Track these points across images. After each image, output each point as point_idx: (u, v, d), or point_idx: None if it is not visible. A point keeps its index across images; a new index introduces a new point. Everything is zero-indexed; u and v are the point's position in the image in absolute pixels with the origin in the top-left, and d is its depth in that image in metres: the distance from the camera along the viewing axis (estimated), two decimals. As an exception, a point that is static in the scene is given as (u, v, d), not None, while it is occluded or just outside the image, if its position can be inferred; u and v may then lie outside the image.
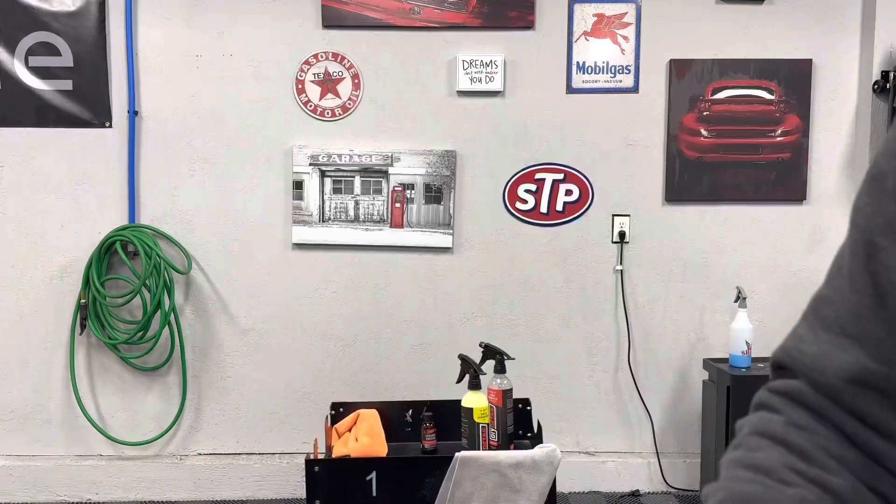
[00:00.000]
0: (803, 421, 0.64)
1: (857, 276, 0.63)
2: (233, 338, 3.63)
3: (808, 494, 0.60)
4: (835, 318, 0.64)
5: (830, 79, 3.56)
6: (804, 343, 0.66)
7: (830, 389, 0.62)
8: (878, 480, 0.61)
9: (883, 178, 0.62)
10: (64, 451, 3.65)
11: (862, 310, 0.62)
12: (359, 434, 2.73)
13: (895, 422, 0.61)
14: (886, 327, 0.60)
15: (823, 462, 0.62)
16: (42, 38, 3.46)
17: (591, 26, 3.51)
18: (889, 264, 0.60)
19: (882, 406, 0.61)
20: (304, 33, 3.50)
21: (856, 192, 0.66)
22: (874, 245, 0.61)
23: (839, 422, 0.62)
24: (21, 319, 3.59)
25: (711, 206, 3.59)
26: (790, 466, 0.62)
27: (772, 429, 0.65)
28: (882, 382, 0.60)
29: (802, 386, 0.65)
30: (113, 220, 3.54)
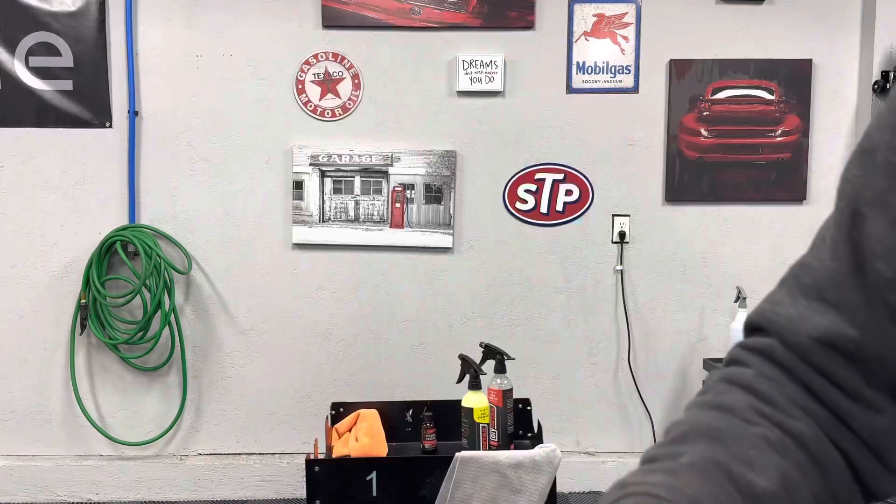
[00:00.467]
0: (772, 374, 0.65)
1: (839, 244, 0.64)
2: (233, 338, 3.63)
3: (770, 434, 0.61)
4: (813, 285, 0.64)
5: (830, 79, 3.56)
6: (780, 306, 0.66)
7: (802, 348, 0.63)
8: (840, 437, 0.62)
9: (874, 151, 0.62)
10: (64, 451, 3.65)
11: (841, 276, 0.62)
12: (359, 434, 2.73)
13: (862, 385, 0.61)
14: (864, 295, 0.61)
15: (789, 409, 0.63)
16: (42, 39, 3.46)
17: (591, 26, 3.50)
18: (872, 234, 0.61)
19: (851, 370, 0.62)
20: (304, 33, 3.50)
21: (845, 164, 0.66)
22: (860, 214, 0.62)
23: (807, 379, 0.63)
24: (21, 319, 3.59)
25: (711, 206, 3.59)
26: (755, 409, 0.63)
27: (740, 378, 0.66)
28: (852, 347, 0.61)
29: (775, 343, 0.66)
30: (113, 220, 3.54)
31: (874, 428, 0.62)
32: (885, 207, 0.60)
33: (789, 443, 0.61)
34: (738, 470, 0.59)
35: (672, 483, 0.57)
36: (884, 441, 0.62)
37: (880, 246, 0.60)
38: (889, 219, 0.60)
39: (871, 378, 0.61)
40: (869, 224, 0.61)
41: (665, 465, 0.59)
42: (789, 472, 0.60)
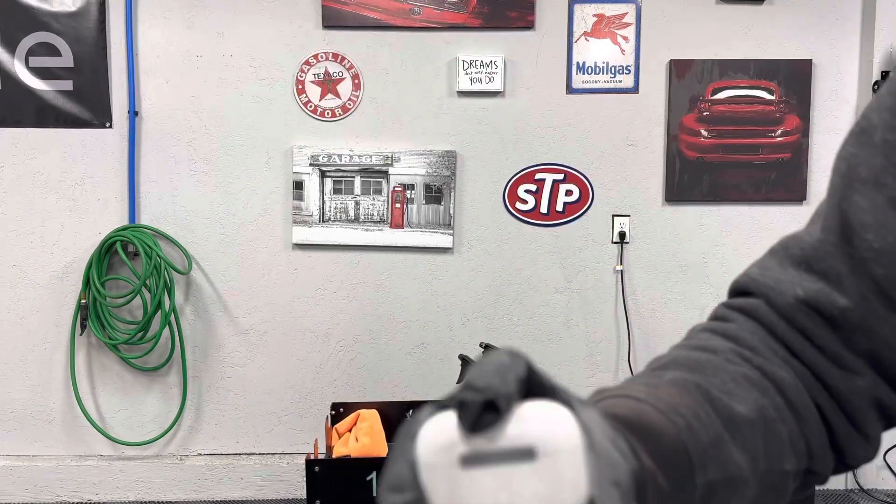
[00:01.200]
0: (755, 330, 0.66)
1: (829, 215, 0.65)
2: (233, 338, 3.62)
3: (751, 374, 0.62)
4: (801, 255, 0.66)
5: (831, 79, 3.56)
6: (769, 270, 0.68)
7: (786, 308, 0.64)
8: (817, 394, 0.63)
9: (872, 131, 0.63)
10: (64, 451, 3.65)
11: (828, 247, 0.64)
12: (359, 434, 2.72)
13: (841, 349, 0.63)
14: (850, 265, 0.62)
15: (770, 358, 0.64)
16: (42, 39, 3.46)
17: (591, 26, 3.50)
18: (865, 206, 0.62)
19: (832, 335, 0.63)
20: (304, 33, 3.50)
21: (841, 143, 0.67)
22: (852, 188, 0.63)
23: (788, 338, 0.64)
24: (21, 319, 3.59)
25: (711, 206, 3.59)
26: (737, 353, 0.64)
27: (723, 329, 0.67)
28: (836, 313, 0.62)
29: (759, 303, 0.67)
30: (113, 220, 3.54)
31: (850, 390, 0.63)
32: (880, 186, 0.61)
33: (769, 385, 0.62)
34: (717, 395, 0.59)
35: (652, 391, 0.57)
36: (859, 404, 0.63)
37: (872, 218, 0.61)
38: (885, 196, 0.61)
39: (852, 343, 0.63)
40: (861, 198, 0.62)
41: (645, 379, 0.60)
42: (767, 408, 0.61)
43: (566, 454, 0.43)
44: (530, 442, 0.43)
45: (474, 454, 0.43)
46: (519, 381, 0.44)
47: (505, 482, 0.42)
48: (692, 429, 0.56)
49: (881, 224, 0.61)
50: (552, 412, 0.44)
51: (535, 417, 0.44)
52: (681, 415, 0.56)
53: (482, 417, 0.42)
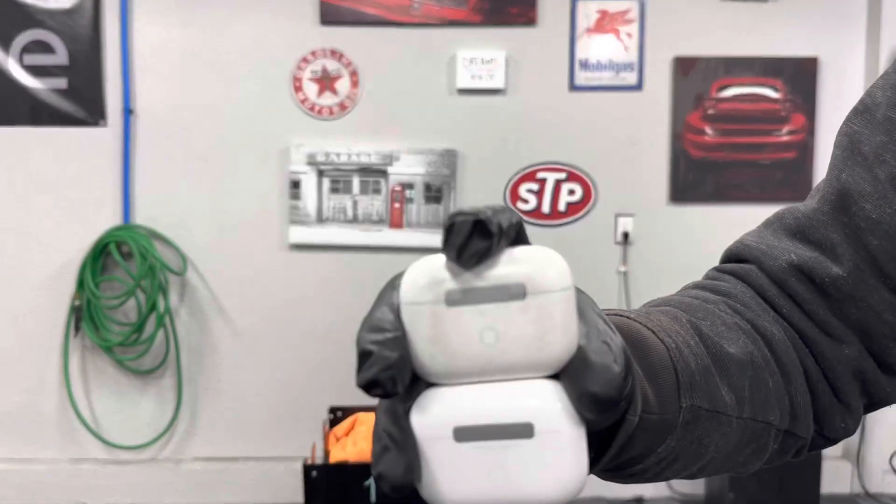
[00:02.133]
0: (746, 290, 0.66)
1: (827, 187, 0.66)
2: (229, 340, 3.59)
3: (742, 324, 0.63)
4: (796, 225, 0.66)
5: (836, 77, 3.54)
6: (764, 238, 0.69)
7: (778, 273, 0.65)
8: (803, 356, 0.64)
9: (875, 108, 0.64)
10: (58, 455, 3.62)
11: (823, 216, 0.65)
12: (357, 438, 2.70)
13: (830, 317, 0.63)
14: (843, 232, 0.63)
15: (760, 314, 0.64)
16: (37, 36, 3.44)
17: (594, 23, 3.48)
18: (863, 176, 0.63)
19: (822, 302, 0.64)
20: (301, 30, 3.47)
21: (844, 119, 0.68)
22: (853, 160, 0.64)
23: (778, 302, 0.65)
24: (14, 321, 3.56)
25: (717, 206, 3.56)
26: (729, 305, 0.65)
27: (715, 286, 0.68)
28: (828, 282, 0.63)
29: (751, 268, 0.67)
30: (107, 220, 3.51)
31: (836, 358, 0.64)
32: (881, 162, 0.62)
33: (758, 338, 0.63)
34: (708, 332, 0.60)
35: (643, 315, 0.57)
36: (843, 373, 0.64)
37: (871, 188, 0.62)
38: (885, 172, 0.62)
39: (841, 313, 0.63)
40: (862, 170, 0.63)
41: (636, 311, 0.60)
42: (756, 356, 0.61)
43: (558, 295, 0.42)
44: (520, 280, 0.41)
45: (460, 291, 0.41)
46: (511, 224, 0.43)
47: (491, 321, 0.41)
48: (681, 351, 0.55)
49: (881, 195, 0.62)
50: (545, 254, 0.43)
51: (527, 258, 0.42)
52: (670, 337, 0.56)
53: (471, 243, 0.40)
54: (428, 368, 0.42)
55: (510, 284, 0.41)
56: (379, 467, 0.41)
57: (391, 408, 0.43)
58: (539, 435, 0.41)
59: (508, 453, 0.41)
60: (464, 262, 0.41)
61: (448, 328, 0.41)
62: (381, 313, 0.43)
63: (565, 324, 0.42)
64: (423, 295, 0.42)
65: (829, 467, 3.51)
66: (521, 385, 0.42)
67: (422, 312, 0.42)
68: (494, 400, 0.41)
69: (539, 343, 0.41)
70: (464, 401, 0.42)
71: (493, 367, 0.42)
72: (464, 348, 0.41)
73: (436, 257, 0.42)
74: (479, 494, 0.42)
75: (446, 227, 0.41)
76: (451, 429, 0.41)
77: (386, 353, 0.41)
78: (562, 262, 0.43)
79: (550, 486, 0.41)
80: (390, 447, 0.41)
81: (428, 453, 0.42)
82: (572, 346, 0.42)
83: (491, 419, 0.41)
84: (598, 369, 0.41)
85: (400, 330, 0.42)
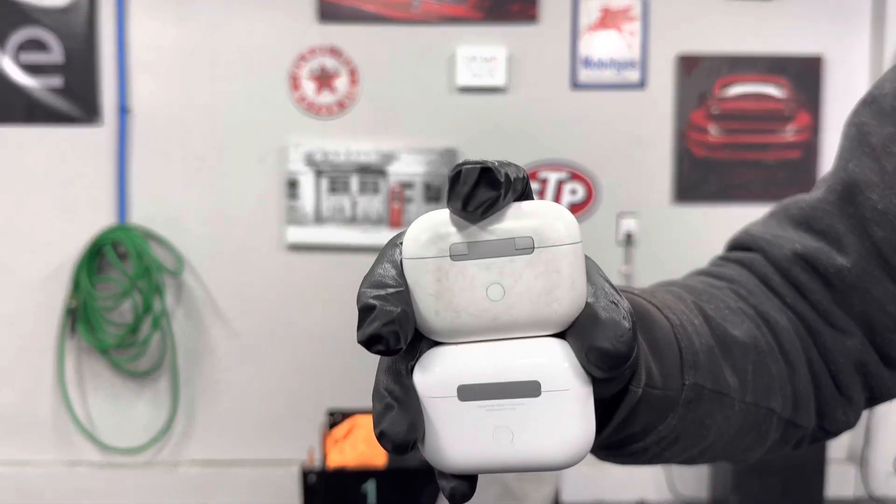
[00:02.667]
0: (751, 278, 0.66)
1: (834, 177, 0.66)
2: (225, 341, 3.57)
3: (747, 310, 0.63)
4: (801, 215, 0.67)
5: (841, 76, 3.51)
6: (769, 228, 0.69)
7: (782, 262, 0.65)
8: (807, 346, 0.64)
9: (882, 99, 0.64)
10: (53, 457, 3.59)
11: (828, 206, 0.65)
12: (356, 442, 2.67)
13: (833, 307, 0.64)
14: (848, 223, 0.63)
15: (765, 301, 0.64)
16: (32, 34, 3.42)
17: (596, 20, 3.45)
18: (871, 167, 0.63)
19: (826, 292, 0.64)
20: (299, 27, 3.45)
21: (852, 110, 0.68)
22: (861, 151, 0.64)
23: (782, 291, 0.65)
24: (8, 322, 3.53)
25: (721, 205, 3.53)
26: (734, 291, 0.65)
27: (719, 273, 0.68)
28: (832, 272, 0.63)
29: (755, 256, 0.67)
30: (103, 220, 3.48)
31: (838, 350, 0.64)
32: (889, 154, 0.62)
33: (762, 324, 0.63)
34: (712, 314, 0.59)
35: (648, 293, 0.57)
36: (845, 365, 0.64)
37: (878, 178, 0.62)
38: (893, 163, 0.62)
39: (845, 303, 0.63)
40: (870, 160, 0.63)
41: (640, 288, 0.59)
42: (760, 341, 0.61)
43: (566, 248, 0.41)
44: (528, 234, 0.40)
45: (466, 244, 0.40)
46: (519, 177, 0.41)
47: (498, 276, 0.40)
48: (685, 329, 0.55)
49: (888, 186, 0.61)
50: (553, 208, 0.42)
51: (535, 211, 0.41)
52: (675, 314, 0.55)
53: (478, 192, 0.39)
54: (431, 325, 0.41)
55: (517, 238, 0.40)
56: (381, 426, 0.40)
57: (393, 367, 0.41)
58: (546, 394, 0.40)
59: (514, 413, 0.40)
60: (470, 213, 0.39)
61: (453, 283, 0.40)
62: (383, 269, 0.42)
63: (573, 279, 0.41)
64: (426, 249, 0.41)
65: (834, 470, 3.49)
66: (527, 343, 0.41)
67: (425, 267, 0.41)
68: (500, 358, 0.40)
69: (547, 298, 0.40)
70: (468, 359, 0.40)
71: (498, 324, 0.41)
72: (469, 304, 0.40)
73: (439, 212, 0.41)
74: (483, 455, 0.40)
75: (451, 177, 0.39)
76: (455, 387, 0.40)
77: (389, 308, 0.39)
78: (570, 216, 0.42)
79: (557, 446, 0.40)
80: (393, 405, 0.40)
81: (431, 413, 0.41)
82: (580, 303, 0.41)
83: (496, 378, 0.40)
84: (607, 324, 0.40)
85: (403, 285, 0.41)
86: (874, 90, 0.66)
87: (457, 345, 0.41)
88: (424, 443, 0.41)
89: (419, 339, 0.42)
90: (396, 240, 0.43)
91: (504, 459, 0.40)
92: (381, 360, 0.42)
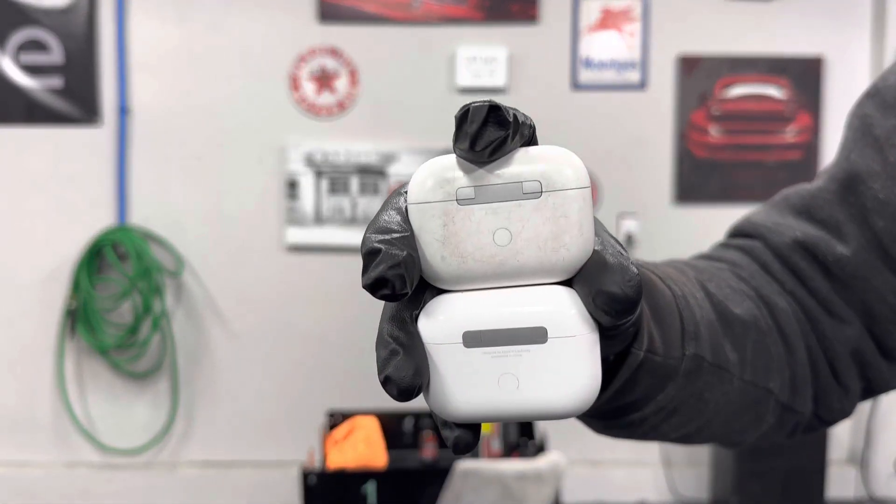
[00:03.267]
0: (751, 264, 0.67)
1: (836, 167, 0.66)
2: (225, 342, 3.56)
3: (748, 291, 0.63)
4: (801, 204, 0.67)
5: (842, 76, 3.51)
6: (770, 215, 0.69)
7: (782, 249, 0.65)
8: (805, 332, 0.64)
9: (887, 91, 0.64)
10: (53, 458, 3.58)
11: (829, 195, 0.65)
12: (356, 443, 2.66)
13: (833, 295, 0.64)
14: (848, 212, 0.63)
15: (764, 285, 0.65)
16: (32, 35, 3.42)
17: (596, 21, 3.44)
18: (874, 157, 0.63)
19: (825, 281, 0.64)
20: (299, 28, 3.44)
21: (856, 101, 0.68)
22: (864, 142, 0.64)
23: (782, 279, 0.65)
24: (8, 322, 3.53)
25: (722, 206, 3.53)
26: (735, 274, 0.65)
27: (719, 256, 0.68)
28: (832, 260, 0.63)
29: (756, 243, 0.68)
30: (102, 220, 3.48)
31: (836, 338, 0.64)
32: (892, 146, 0.62)
33: (762, 305, 0.63)
34: (714, 291, 0.59)
35: (651, 264, 0.56)
36: (842, 353, 0.64)
37: (881, 169, 0.62)
38: (895, 154, 0.62)
39: (844, 292, 0.64)
40: (873, 151, 0.63)
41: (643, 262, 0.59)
42: (760, 320, 0.61)
43: (575, 193, 0.40)
44: (535, 177, 0.40)
45: (473, 188, 0.40)
46: (526, 123, 0.41)
47: (505, 220, 0.40)
48: (687, 300, 0.55)
49: (890, 176, 0.62)
50: (561, 152, 0.41)
51: (543, 156, 0.41)
52: (678, 286, 0.55)
53: (486, 131, 0.38)
54: (437, 271, 0.40)
55: (525, 182, 0.40)
56: (386, 371, 0.39)
57: (397, 315, 0.41)
58: (553, 340, 0.39)
59: (520, 360, 0.40)
60: (477, 153, 0.39)
61: (459, 228, 0.40)
62: (388, 216, 0.41)
63: (582, 224, 0.40)
64: (432, 194, 0.40)
65: (835, 472, 3.49)
66: (533, 290, 0.40)
67: (431, 212, 0.40)
68: (506, 304, 0.40)
69: (554, 244, 0.40)
70: (474, 305, 0.40)
71: (505, 270, 0.40)
72: (476, 249, 0.40)
73: (445, 156, 0.40)
74: (488, 403, 0.40)
75: (458, 117, 0.39)
76: (461, 334, 0.40)
77: (394, 251, 0.39)
78: (579, 161, 0.42)
79: (563, 393, 0.40)
80: (398, 350, 0.40)
81: (436, 360, 0.40)
82: (588, 249, 0.40)
83: (502, 324, 0.40)
84: (615, 268, 0.39)
85: (408, 231, 0.40)
86: (878, 82, 0.67)
87: (462, 292, 0.41)
88: (429, 391, 0.41)
89: (424, 290, 0.41)
90: (401, 189, 0.42)
91: (509, 407, 0.40)
92: (384, 309, 0.42)
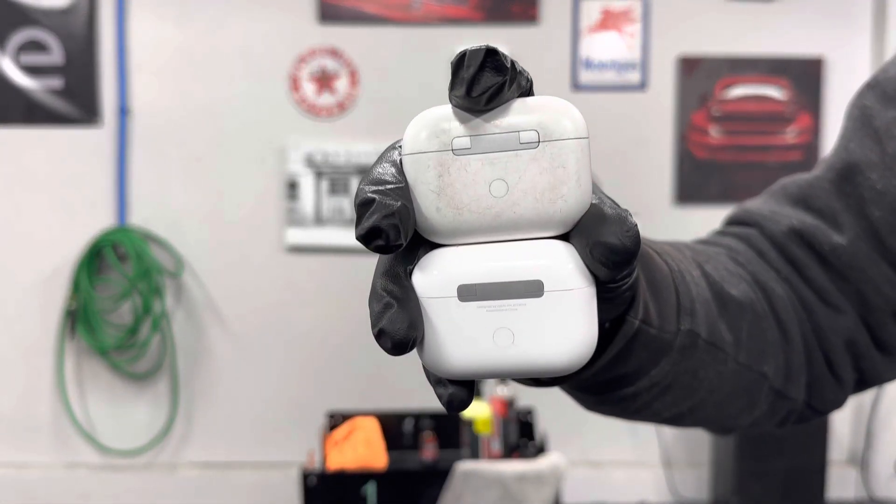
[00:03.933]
0: (748, 251, 0.67)
1: (834, 157, 0.67)
2: (225, 343, 3.55)
3: (745, 276, 0.63)
4: (798, 194, 0.67)
5: (843, 77, 3.50)
6: (766, 204, 0.69)
7: (779, 237, 0.65)
8: (801, 320, 0.64)
9: (888, 83, 0.65)
10: (53, 459, 3.58)
11: (825, 184, 0.65)
12: (356, 444, 2.66)
13: (828, 284, 0.64)
14: (844, 202, 0.63)
15: (761, 271, 0.65)
16: (32, 36, 3.42)
17: (597, 21, 3.44)
18: (872, 148, 0.63)
19: (821, 270, 0.64)
20: (299, 28, 3.44)
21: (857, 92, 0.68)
22: (863, 132, 0.65)
23: (778, 266, 0.65)
24: (8, 324, 3.52)
25: (722, 207, 3.49)
26: (732, 258, 0.65)
27: (716, 241, 0.69)
28: (828, 250, 0.63)
29: (752, 231, 0.68)
30: (102, 221, 3.47)
31: (831, 327, 0.64)
32: (891, 138, 0.62)
33: (759, 290, 0.63)
34: (711, 271, 0.59)
35: (648, 241, 0.55)
36: (836, 343, 0.64)
37: (879, 159, 0.62)
38: (894, 146, 0.62)
39: (839, 281, 0.63)
40: (872, 142, 0.63)
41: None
42: (757, 304, 0.61)
43: (572, 143, 0.39)
44: (532, 127, 0.39)
45: (469, 138, 0.39)
46: (524, 74, 0.40)
47: (502, 171, 0.39)
48: (683, 277, 0.54)
49: (887, 167, 0.62)
50: (559, 102, 0.41)
51: (541, 106, 0.40)
52: (674, 262, 0.55)
53: (483, 76, 0.38)
54: (432, 224, 0.40)
55: (522, 132, 0.39)
56: (380, 324, 0.38)
57: (391, 270, 0.40)
58: (549, 294, 0.39)
59: (515, 314, 0.39)
60: (474, 99, 0.38)
61: (455, 178, 0.39)
62: (382, 168, 0.40)
63: (580, 175, 0.39)
64: (427, 144, 0.39)
65: (835, 472, 3.48)
66: (530, 244, 0.40)
67: (426, 162, 0.39)
68: (502, 258, 0.39)
69: (551, 195, 0.39)
70: (469, 258, 0.39)
71: (501, 223, 0.39)
72: (471, 201, 0.39)
73: (440, 107, 0.40)
74: (483, 358, 0.39)
75: (455, 62, 0.38)
76: (455, 287, 0.39)
77: (388, 202, 0.38)
78: (577, 112, 0.41)
79: (559, 348, 0.39)
80: (392, 304, 0.39)
81: (430, 315, 0.39)
82: (586, 201, 0.40)
83: (498, 277, 0.39)
84: (613, 219, 0.39)
85: (403, 182, 0.39)
86: (879, 74, 0.67)
87: (458, 246, 0.40)
88: (423, 347, 0.40)
89: (418, 245, 0.41)
90: (395, 143, 0.41)
91: (504, 362, 0.39)
92: (378, 263, 0.41)
